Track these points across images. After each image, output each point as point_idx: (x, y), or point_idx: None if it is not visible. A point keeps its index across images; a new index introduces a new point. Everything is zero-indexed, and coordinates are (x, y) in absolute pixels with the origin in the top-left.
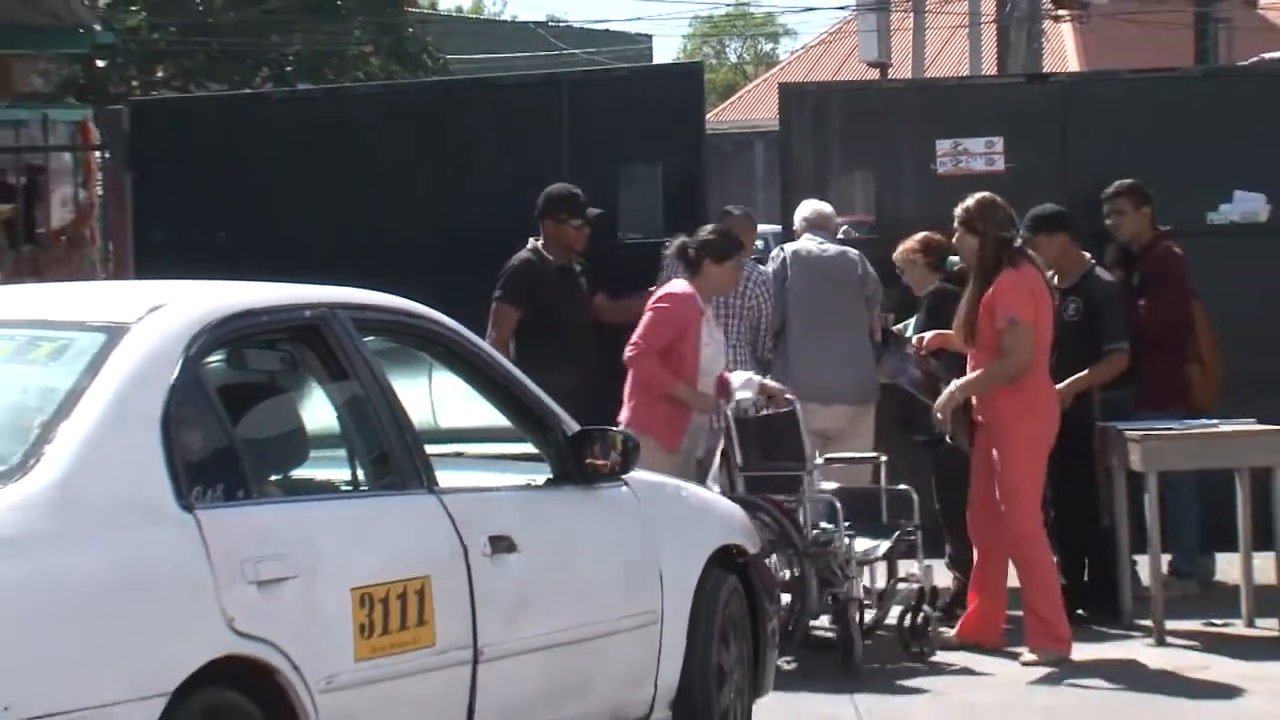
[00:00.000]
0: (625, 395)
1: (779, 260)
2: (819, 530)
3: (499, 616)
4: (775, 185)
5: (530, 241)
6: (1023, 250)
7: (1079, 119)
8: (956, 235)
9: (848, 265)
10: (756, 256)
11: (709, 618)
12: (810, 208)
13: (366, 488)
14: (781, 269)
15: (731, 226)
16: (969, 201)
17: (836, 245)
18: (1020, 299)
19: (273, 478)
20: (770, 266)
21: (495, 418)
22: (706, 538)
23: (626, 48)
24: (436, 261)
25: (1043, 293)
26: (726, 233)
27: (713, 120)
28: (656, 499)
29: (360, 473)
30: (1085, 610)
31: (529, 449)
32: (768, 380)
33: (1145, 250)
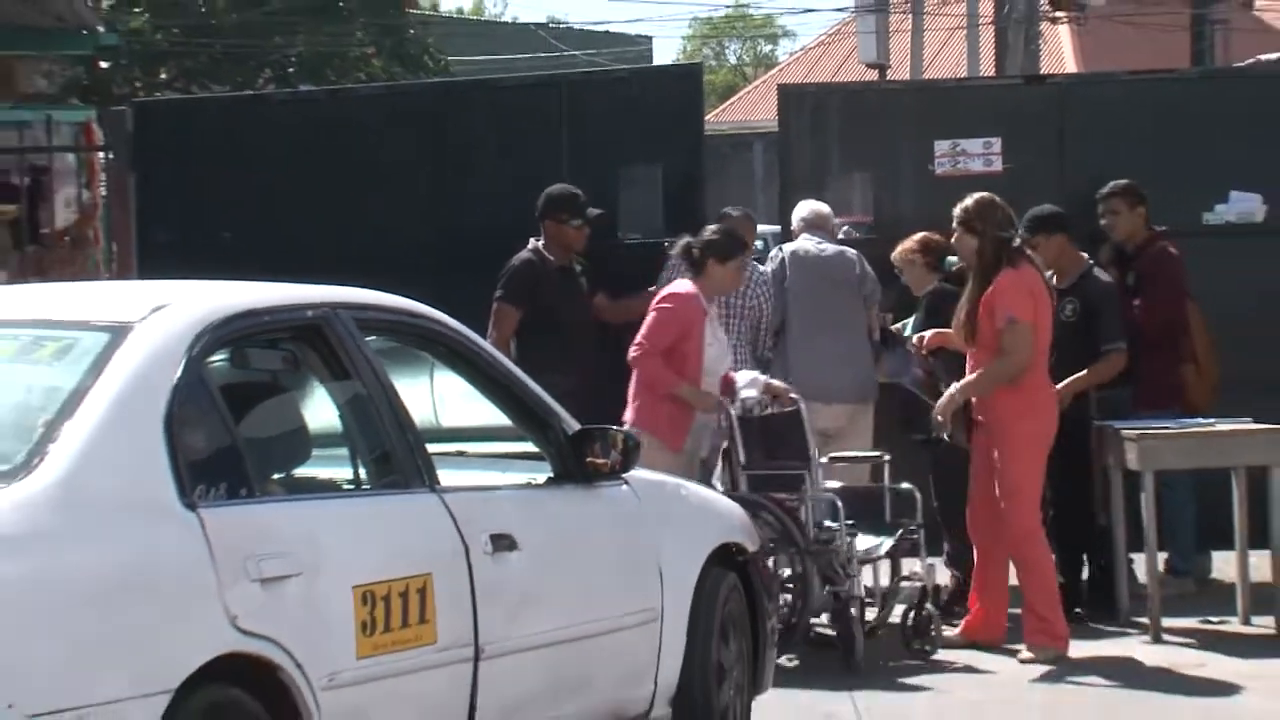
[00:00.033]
0: (629, 395)
1: (777, 260)
2: (821, 528)
3: (500, 614)
4: (774, 186)
5: (531, 242)
6: (1022, 250)
7: (1076, 120)
8: (955, 235)
9: (846, 265)
10: (755, 256)
11: (709, 615)
12: (808, 208)
13: (368, 486)
14: (780, 269)
15: (732, 227)
16: (968, 201)
17: (834, 245)
18: (1019, 299)
19: (275, 476)
20: (769, 266)
21: (496, 417)
22: (706, 536)
23: (626, 49)
24: (437, 262)
25: (1042, 293)
26: (731, 232)
27: (712, 121)
28: (656, 497)
29: (362, 471)
30: (1083, 608)
31: (530, 448)
32: (773, 380)
33: (1140, 250)
